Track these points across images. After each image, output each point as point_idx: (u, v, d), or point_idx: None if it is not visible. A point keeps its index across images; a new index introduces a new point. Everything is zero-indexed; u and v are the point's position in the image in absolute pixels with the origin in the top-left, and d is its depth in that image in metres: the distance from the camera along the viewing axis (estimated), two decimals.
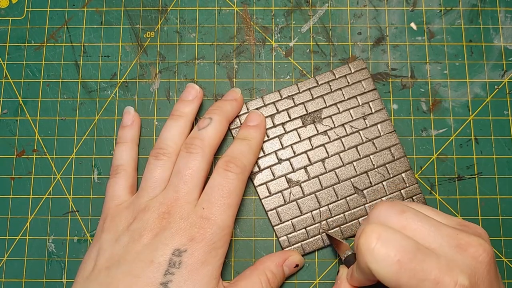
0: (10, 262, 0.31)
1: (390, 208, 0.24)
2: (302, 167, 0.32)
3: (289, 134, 0.32)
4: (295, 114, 0.33)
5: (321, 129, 0.32)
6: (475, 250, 0.22)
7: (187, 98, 0.31)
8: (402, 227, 0.23)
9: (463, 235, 0.22)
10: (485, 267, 0.22)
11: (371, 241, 0.22)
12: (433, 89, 0.33)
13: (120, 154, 0.31)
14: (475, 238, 0.22)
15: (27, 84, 0.34)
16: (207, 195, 0.28)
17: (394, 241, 0.22)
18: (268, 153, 0.32)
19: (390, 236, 0.22)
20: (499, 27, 0.34)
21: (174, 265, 0.25)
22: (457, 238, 0.22)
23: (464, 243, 0.22)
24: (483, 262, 0.22)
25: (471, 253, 0.22)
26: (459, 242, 0.22)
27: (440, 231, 0.23)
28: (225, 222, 0.27)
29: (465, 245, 0.22)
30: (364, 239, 0.22)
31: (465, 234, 0.23)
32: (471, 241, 0.22)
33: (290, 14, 0.35)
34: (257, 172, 0.32)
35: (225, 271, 0.31)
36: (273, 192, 0.32)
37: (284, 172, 0.32)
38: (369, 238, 0.22)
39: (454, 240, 0.22)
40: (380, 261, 0.21)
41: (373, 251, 0.22)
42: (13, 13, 0.35)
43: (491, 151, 0.32)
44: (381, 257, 0.21)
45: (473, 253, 0.22)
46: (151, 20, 0.35)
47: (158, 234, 0.26)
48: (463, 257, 0.22)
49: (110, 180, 0.30)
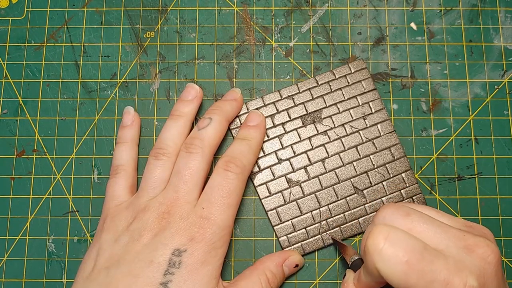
0: (10, 262, 0.31)
1: (395, 211, 0.24)
2: (302, 167, 0.32)
3: (289, 134, 0.32)
4: (295, 114, 0.33)
5: (321, 129, 0.32)
6: (483, 251, 0.22)
7: (186, 98, 0.31)
8: (408, 229, 0.23)
9: (469, 236, 0.22)
10: (493, 268, 0.22)
11: (379, 241, 0.22)
12: (433, 89, 0.33)
13: (120, 154, 0.31)
14: (481, 239, 0.22)
15: (27, 84, 0.34)
16: (207, 195, 0.28)
17: (402, 241, 0.22)
18: (268, 153, 0.32)
19: (398, 237, 0.22)
20: (499, 27, 0.34)
21: (174, 265, 0.25)
22: (464, 239, 0.22)
23: (471, 244, 0.22)
24: (492, 263, 0.22)
25: (479, 254, 0.22)
26: (466, 243, 0.22)
27: (447, 233, 0.23)
28: (225, 222, 0.27)
29: (473, 246, 0.22)
30: (372, 240, 0.22)
31: (471, 235, 0.22)
32: (478, 242, 0.22)
33: (290, 14, 0.35)
34: (257, 172, 0.32)
35: (225, 271, 0.31)
36: (273, 192, 0.31)
37: (284, 172, 0.32)
38: (377, 239, 0.22)
39: (461, 241, 0.22)
40: (388, 262, 0.21)
41: (381, 251, 0.21)
42: (13, 13, 0.35)
43: (491, 151, 0.32)
44: (389, 258, 0.21)
45: (481, 254, 0.22)
46: (151, 20, 0.35)
47: (157, 234, 0.26)
48: (471, 258, 0.22)
49: (110, 180, 0.30)
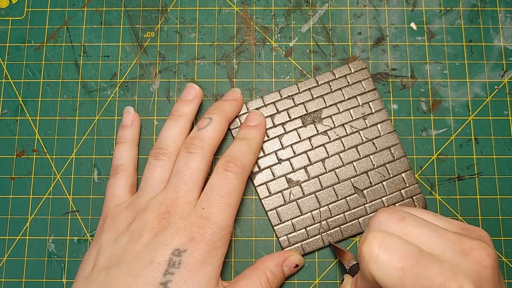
0: (10, 262, 0.31)
1: (390, 216, 0.24)
2: (302, 167, 0.32)
3: (289, 134, 0.32)
4: (295, 114, 0.33)
5: (321, 129, 0.32)
6: (479, 254, 0.22)
7: (186, 98, 0.31)
8: (403, 234, 0.23)
9: (465, 239, 0.22)
10: (490, 271, 0.21)
11: (374, 248, 0.22)
12: (433, 89, 0.33)
13: (120, 154, 0.31)
14: (477, 242, 0.22)
15: (27, 84, 0.34)
16: (207, 195, 0.28)
17: (396, 247, 0.21)
18: (268, 153, 0.32)
19: (392, 243, 0.22)
20: (499, 27, 0.34)
21: (173, 265, 0.25)
22: (460, 243, 0.22)
23: (467, 248, 0.22)
24: (487, 266, 0.21)
25: (475, 257, 0.21)
26: (462, 247, 0.22)
27: (442, 237, 0.22)
28: (225, 222, 0.27)
29: (468, 249, 0.22)
30: (366, 246, 0.22)
31: (467, 239, 0.22)
32: (474, 245, 0.22)
33: (290, 14, 0.35)
34: (257, 172, 0.32)
35: (225, 271, 0.31)
36: (273, 192, 0.31)
37: (284, 172, 0.32)
38: (372, 246, 0.22)
39: (457, 245, 0.22)
40: (383, 268, 0.21)
41: (376, 258, 0.21)
42: (13, 13, 0.35)
43: (491, 151, 0.32)
44: (384, 264, 0.21)
45: (476, 257, 0.21)
46: (151, 20, 0.35)
47: (157, 234, 0.26)
48: (467, 261, 0.21)
49: (110, 180, 0.30)
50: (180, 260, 0.25)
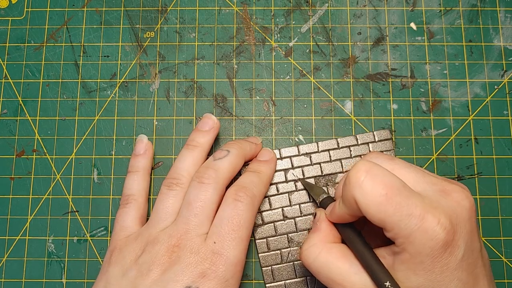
0: (10, 262, 0.31)
1: (380, 155, 0.25)
2: (306, 229, 0.31)
3: (299, 192, 0.31)
4: (310, 173, 0.32)
5: (333, 194, 0.31)
6: (458, 195, 0.23)
7: (203, 128, 0.31)
8: (390, 169, 0.24)
9: (447, 183, 0.24)
10: (467, 212, 0.22)
11: (361, 174, 0.22)
12: (433, 89, 0.33)
13: (131, 183, 0.30)
14: (458, 186, 0.24)
15: (27, 84, 0.34)
16: (217, 228, 0.26)
17: (382, 176, 0.22)
18: (274, 208, 0.31)
19: (379, 172, 0.22)
20: (499, 27, 0.34)
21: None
22: (442, 185, 0.23)
23: (448, 189, 0.23)
24: (465, 207, 0.22)
25: (454, 197, 0.23)
26: (443, 188, 0.23)
27: (425, 178, 0.24)
28: (237, 257, 0.26)
29: (449, 190, 0.23)
30: (354, 172, 0.23)
31: (448, 183, 0.24)
32: (454, 187, 0.23)
33: (290, 14, 0.35)
34: (260, 225, 0.31)
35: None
36: (272, 248, 0.31)
37: (287, 230, 0.31)
38: (359, 172, 0.23)
39: (438, 186, 0.23)
40: (367, 194, 0.22)
41: (362, 183, 0.22)
42: (13, 13, 0.35)
43: (491, 151, 0.32)
44: (369, 190, 0.22)
45: (456, 197, 0.23)
46: (151, 20, 0.35)
47: (167, 269, 0.25)
48: (446, 200, 0.22)
49: (119, 210, 0.30)
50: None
